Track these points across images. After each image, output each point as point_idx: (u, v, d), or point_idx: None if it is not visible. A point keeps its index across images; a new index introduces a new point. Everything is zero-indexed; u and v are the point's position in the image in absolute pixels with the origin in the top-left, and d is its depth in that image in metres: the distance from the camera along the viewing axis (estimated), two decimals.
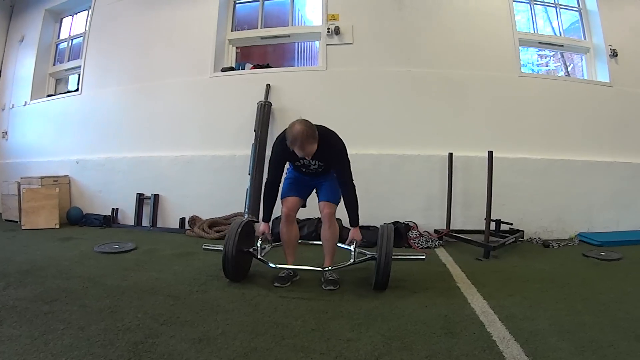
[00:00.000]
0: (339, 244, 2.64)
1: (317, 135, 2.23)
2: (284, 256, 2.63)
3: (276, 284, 2.43)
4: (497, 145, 3.59)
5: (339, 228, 2.55)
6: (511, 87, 4.14)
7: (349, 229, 2.51)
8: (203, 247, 2.72)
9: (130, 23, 4.84)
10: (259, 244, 2.52)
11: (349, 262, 2.43)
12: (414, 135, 4.08)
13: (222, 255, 2.41)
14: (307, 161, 2.40)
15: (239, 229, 2.45)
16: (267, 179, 2.52)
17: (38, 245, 3.49)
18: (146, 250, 3.39)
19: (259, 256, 2.50)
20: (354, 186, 2.41)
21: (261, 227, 2.52)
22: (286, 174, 2.64)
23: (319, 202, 2.54)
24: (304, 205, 2.65)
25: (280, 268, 2.49)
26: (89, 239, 3.79)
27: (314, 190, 2.62)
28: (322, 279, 2.49)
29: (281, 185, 2.54)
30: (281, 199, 2.54)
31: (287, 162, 2.54)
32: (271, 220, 2.59)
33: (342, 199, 2.49)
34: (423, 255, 2.58)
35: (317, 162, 2.42)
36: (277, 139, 2.46)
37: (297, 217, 2.63)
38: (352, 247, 2.44)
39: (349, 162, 2.40)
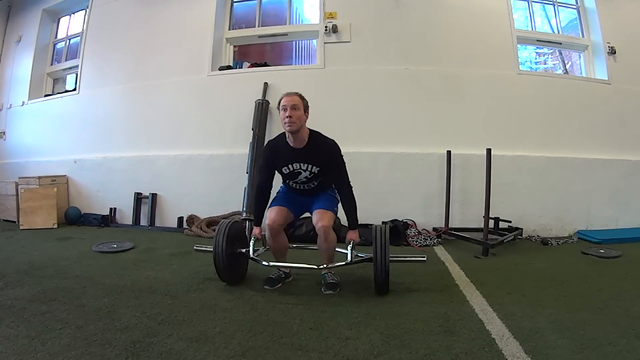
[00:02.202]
0: (338, 249, 2.54)
1: (305, 99, 2.31)
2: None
3: (266, 287, 2.38)
4: (496, 143, 3.59)
5: (336, 236, 2.42)
6: (509, 85, 4.13)
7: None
8: (195, 247, 2.66)
9: (128, 22, 4.82)
10: (251, 244, 2.44)
11: (346, 262, 2.34)
12: (412, 133, 4.08)
13: (213, 259, 2.34)
14: (297, 166, 2.33)
15: (226, 230, 2.35)
16: (257, 183, 2.52)
17: (36, 245, 3.49)
18: (144, 249, 3.39)
19: (251, 255, 2.42)
20: (351, 188, 2.38)
21: (255, 230, 2.48)
22: (277, 192, 2.56)
23: (312, 212, 2.40)
24: (293, 222, 2.55)
25: (274, 266, 2.42)
26: (87, 238, 3.78)
27: (307, 211, 2.50)
28: (321, 281, 2.43)
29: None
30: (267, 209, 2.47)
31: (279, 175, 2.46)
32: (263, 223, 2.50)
33: (339, 208, 2.43)
34: (424, 257, 2.46)
35: (309, 166, 2.32)
36: (266, 144, 2.46)
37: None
38: (349, 248, 2.36)
39: (345, 163, 2.37)
